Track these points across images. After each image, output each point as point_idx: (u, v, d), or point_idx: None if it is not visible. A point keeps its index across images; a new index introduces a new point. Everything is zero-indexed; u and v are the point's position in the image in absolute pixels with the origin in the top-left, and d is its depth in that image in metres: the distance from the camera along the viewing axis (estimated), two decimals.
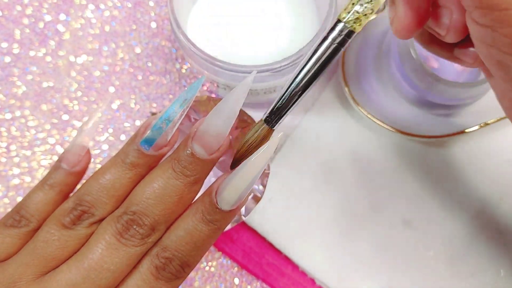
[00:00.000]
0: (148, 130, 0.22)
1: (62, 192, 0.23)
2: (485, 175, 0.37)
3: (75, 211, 0.22)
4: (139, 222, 0.21)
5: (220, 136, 0.21)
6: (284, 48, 0.33)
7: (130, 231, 0.21)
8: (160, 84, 0.39)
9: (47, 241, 0.21)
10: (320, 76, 0.23)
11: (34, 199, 0.23)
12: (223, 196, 0.21)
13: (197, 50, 0.30)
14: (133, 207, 0.21)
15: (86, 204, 0.22)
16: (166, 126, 0.22)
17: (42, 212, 0.23)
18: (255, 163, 0.21)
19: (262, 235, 0.36)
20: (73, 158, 0.23)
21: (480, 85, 0.32)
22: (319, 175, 0.37)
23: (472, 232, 0.36)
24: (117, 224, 0.21)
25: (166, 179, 0.21)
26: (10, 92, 0.39)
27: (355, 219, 0.36)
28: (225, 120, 0.21)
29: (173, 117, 0.22)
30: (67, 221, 0.22)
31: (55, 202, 0.23)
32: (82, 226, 0.22)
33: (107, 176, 0.22)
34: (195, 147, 0.21)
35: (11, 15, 0.40)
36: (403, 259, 0.36)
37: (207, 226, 0.22)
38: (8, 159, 0.38)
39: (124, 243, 0.21)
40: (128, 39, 0.40)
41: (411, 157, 0.37)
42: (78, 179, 0.24)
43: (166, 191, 0.21)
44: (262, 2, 0.34)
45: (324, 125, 0.38)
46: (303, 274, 0.36)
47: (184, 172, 0.22)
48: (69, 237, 0.22)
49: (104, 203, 0.22)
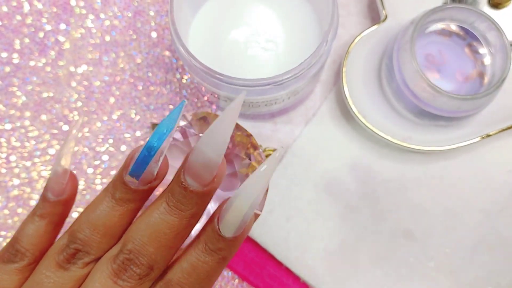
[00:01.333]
0: (132, 164, 0.21)
1: (53, 222, 0.23)
2: (486, 186, 0.37)
3: (68, 250, 0.21)
4: (135, 262, 0.20)
5: (212, 166, 0.20)
6: (286, 61, 0.33)
7: (127, 272, 0.20)
8: (160, 94, 0.39)
9: (43, 284, 0.21)
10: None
11: (26, 232, 0.22)
12: (225, 221, 0.20)
13: (197, 63, 0.30)
14: (128, 245, 0.20)
15: (79, 242, 0.21)
16: (150, 158, 0.20)
17: (36, 245, 0.22)
18: (255, 184, 0.20)
19: (263, 246, 0.36)
20: (56, 186, 0.22)
21: (481, 98, 0.32)
22: (320, 186, 0.37)
23: (473, 243, 0.36)
24: (113, 265, 0.20)
25: (160, 215, 0.20)
26: (10, 102, 0.39)
27: (356, 230, 0.36)
28: (216, 148, 0.19)
29: (155, 151, 0.20)
30: (61, 259, 0.21)
31: (47, 232, 0.22)
32: (77, 267, 0.21)
33: (96, 212, 0.21)
34: (188, 179, 0.20)
35: (11, 25, 0.40)
36: (404, 270, 0.36)
37: (210, 256, 0.21)
38: (8, 169, 0.38)
39: (121, 285, 0.20)
40: (128, 49, 0.39)
41: (412, 168, 0.37)
42: (67, 207, 0.23)
43: (161, 227, 0.20)
44: (264, 14, 0.34)
45: (325, 136, 0.37)
46: (304, 285, 0.36)
47: (178, 207, 0.20)
48: (65, 279, 0.21)
49: (97, 241, 0.21)
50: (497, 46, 0.33)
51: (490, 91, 0.32)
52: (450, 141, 0.35)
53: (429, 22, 0.34)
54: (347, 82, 0.36)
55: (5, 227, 0.37)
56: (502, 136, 0.36)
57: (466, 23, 0.34)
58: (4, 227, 0.37)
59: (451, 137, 0.35)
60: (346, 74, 0.36)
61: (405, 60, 0.33)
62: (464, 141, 0.35)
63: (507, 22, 0.35)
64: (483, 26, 0.33)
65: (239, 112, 0.20)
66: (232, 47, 0.34)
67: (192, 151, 0.20)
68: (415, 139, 0.35)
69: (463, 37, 0.35)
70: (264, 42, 0.34)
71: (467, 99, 0.32)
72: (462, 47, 0.35)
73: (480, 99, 0.32)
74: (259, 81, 0.29)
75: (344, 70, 0.36)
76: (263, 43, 0.34)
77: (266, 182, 0.20)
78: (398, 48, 0.34)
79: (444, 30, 0.35)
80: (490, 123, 0.35)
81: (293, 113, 0.38)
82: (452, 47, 0.35)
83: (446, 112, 0.33)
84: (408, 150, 0.36)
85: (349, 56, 0.36)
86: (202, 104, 0.39)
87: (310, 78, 0.32)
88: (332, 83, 0.39)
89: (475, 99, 0.32)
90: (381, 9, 0.36)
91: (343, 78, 0.36)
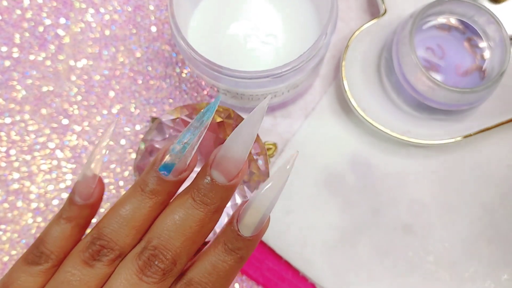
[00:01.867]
0: (167, 155, 0.22)
1: (79, 225, 0.23)
2: (485, 179, 0.37)
3: (94, 246, 0.21)
4: (160, 257, 0.21)
5: (239, 161, 0.21)
6: (285, 53, 0.33)
7: (152, 267, 0.21)
8: (160, 88, 0.39)
9: (69, 282, 0.21)
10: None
11: (52, 234, 0.23)
12: (244, 221, 0.21)
13: (197, 55, 0.30)
14: (154, 241, 0.21)
15: (105, 238, 0.21)
16: (184, 150, 0.21)
17: (60, 247, 0.22)
18: (273, 185, 0.21)
19: (263, 240, 0.36)
20: (85, 190, 0.23)
21: (480, 91, 0.32)
22: (319, 180, 0.37)
23: (473, 237, 0.36)
24: (138, 262, 0.21)
25: (186, 209, 0.21)
26: (9, 96, 0.39)
27: (356, 224, 0.36)
28: (244, 144, 0.21)
29: (191, 140, 0.21)
30: (86, 256, 0.21)
31: (72, 235, 0.23)
32: (102, 264, 0.21)
33: (127, 206, 0.22)
34: (214, 173, 0.21)
35: (10, 19, 0.40)
36: (403, 264, 0.36)
37: (230, 255, 0.21)
38: (7, 163, 0.38)
39: (146, 281, 0.21)
40: (128, 43, 0.40)
41: (411, 162, 0.37)
42: (94, 210, 0.23)
43: (187, 221, 0.21)
44: (263, 8, 0.34)
45: (324, 130, 0.38)
46: (303, 279, 0.36)
47: (204, 201, 0.21)
48: (90, 277, 0.21)
49: (124, 236, 0.21)
50: (497, 40, 0.33)
51: (489, 85, 0.32)
52: (449, 134, 0.35)
53: (429, 15, 0.34)
54: (347, 76, 0.36)
55: (4, 220, 0.37)
56: (501, 130, 0.36)
57: (466, 17, 0.34)
58: (3, 221, 0.37)
59: (450, 131, 0.35)
60: (346, 68, 0.36)
61: (405, 53, 0.33)
62: (463, 135, 0.35)
63: (506, 16, 0.35)
64: (482, 20, 0.33)
65: (240, 106, 0.21)
66: (231, 40, 0.34)
67: (220, 147, 0.21)
68: (414, 133, 0.35)
69: (462, 31, 0.35)
70: (264, 35, 0.34)
71: (466, 92, 0.32)
72: (461, 41, 0.35)
73: (479, 93, 0.32)
74: (258, 73, 0.29)
75: (343, 64, 0.36)
76: (263, 36, 0.34)
77: (284, 184, 0.21)
78: (398, 42, 0.34)
79: (444, 24, 0.35)
80: (489, 117, 0.35)
81: (292, 107, 0.38)
82: (451, 41, 0.35)
83: (445, 106, 0.33)
84: (407, 144, 0.36)
85: (349, 50, 0.36)
86: (202, 98, 0.39)
87: (309, 71, 0.32)
88: (332, 77, 0.39)
89: (474, 92, 0.32)
90: (381, 3, 0.37)
91: (342, 72, 0.36)
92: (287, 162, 0.21)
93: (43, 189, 0.38)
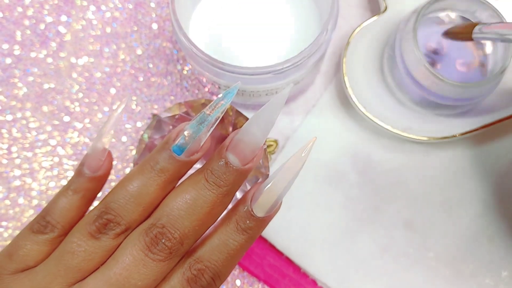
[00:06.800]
0: (180, 135, 0.21)
1: (86, 197, 0.23)
2: (486, 176, 0.37)
3: (101, 219, 0.21)
4: (168, 236, 0.21)
5: (256, 145, 0.21)
6: (286, 49, 0.33)
7: (158, 245, 0.21)
8: (161, 85, 0.39)
9: (74, 252, 0.21)
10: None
11: (59, 205, 0.23)
12: (259, 202, 0.21)
13: (198, 52, 0.30)
14: (163, 218, 0.21)
15: (112, 212, 0.21)
16: (199, 132, 0.21)
17: (67, 218, 0.22)
18: (291, 167, 0.21)
19: (264, 236, 0.36)
20: (94, 163, 0.23)
21: (483, 86, 0.32)
22: (320, 177, 0.37)
23: (474, 233, 0.36)
24: (145, 238, 0.21)
25: (199, 190, 0.21)
26: (11, 93, 0.39)
27: (356, 220, 0.36)
28: (263, 129, 0.21)
29: (209, 121, 0.21)
30: (93, 229, 0.21)
31: (78, 207, 0.23)
32: (108, 237, 0.21)
33: (134, 182, 0.21)
34: (230, 156, 0.21)
35: (12, 17, 0.40)
36: (404, 260, 0.36)
37: (241, 235, 0.21)
38: (9, 160, 0.38)
39: (151, 257, 0.21)
40: (129, 40, 0.40)
41: (412, 159, 0.37)
42: (101, 183, 0.24)
43: (198, 202, 0.21)
44: (264, 4, 0.34)
45: (325, 126, 0.38)
46: (304, 275, 0.36)
47: (217, 183, 0.21)
48: (95, 248, 0.21)
49: (130, 211, 0.21)
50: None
51: (492, 79, 0.32)
52: (451, 131, 0.35)
53: (431, 11, 0.34)
54: (347, 72, 0.36)
55: (6, 217, 0.37)
56: (503, 126, 0.36)
57: (468, 13, 0.34)
58: (4, 218, 0.37)
59: (452, 127, 0.35)
60: (347, 65, 0.36)
61: (408, 49, 0.33)
62: (465, 131, 0.35)
63: (509, 11, 0.35)
64: (485, 15, 0.33)
65: (242, 103, 0.21)
66: (232, 37, 0.34)
67: (238, 131, 0.21)
68: (415, 129, 0.35)
69: None
70: (265, 32, 0.34)
71: (470, 87, 0.32)
72: None
73: (482, 87, 0.32)
74: (259, 69, 0.29)
75: (344, 60, 0.36)
76: (264, 33, 0.34)
77: (300, 168, 0.21)
78: (401, 38, 0.34)
79: (446, 20, 0.35)
80: (490, 113, 0.35)
81: (293, 104, 0.38)
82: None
83: (448, 100, 0.33)
84: (408, 140, 0.36)
85: (349, 47, 0.36)
86: (203, 95, 0.39)
87: (310, 67, 0.32)
88: (333, 74, 0.39)
89: (478, 86, 0.32)
90: (381, 0, 0.37)
91: (343, 69, 0.36)
92: (304, 147, 0.21)
93: (44, 186, 0.38)
